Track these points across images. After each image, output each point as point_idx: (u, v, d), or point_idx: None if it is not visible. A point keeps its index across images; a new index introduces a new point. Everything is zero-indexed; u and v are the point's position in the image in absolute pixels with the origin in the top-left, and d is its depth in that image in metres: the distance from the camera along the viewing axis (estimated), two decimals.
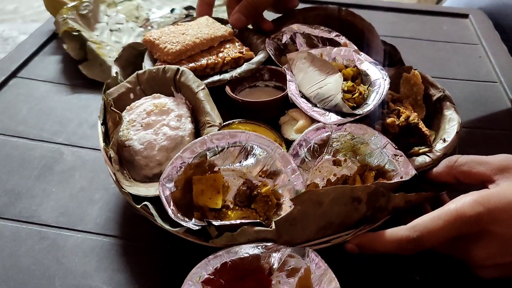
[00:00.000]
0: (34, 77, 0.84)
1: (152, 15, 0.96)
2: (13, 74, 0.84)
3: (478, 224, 0.46)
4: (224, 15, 0.79)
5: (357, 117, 0.58)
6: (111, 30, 0.90)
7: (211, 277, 0.48)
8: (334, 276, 0.47)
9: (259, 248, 0.49)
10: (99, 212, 0.60)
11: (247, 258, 0.49)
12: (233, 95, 0.64)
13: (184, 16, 0.96)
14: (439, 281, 0.53)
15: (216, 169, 0.55)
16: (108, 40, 0.87)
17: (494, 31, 1.01)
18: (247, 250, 0.49)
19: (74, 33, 0.84)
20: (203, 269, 0.48)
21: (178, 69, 0.63)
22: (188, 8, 0.98)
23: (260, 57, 0.69)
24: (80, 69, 0.83)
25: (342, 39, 0.71)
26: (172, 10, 0.97)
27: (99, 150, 0.69)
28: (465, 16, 1.07)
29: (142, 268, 0.54)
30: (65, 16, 0.85)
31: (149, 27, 0.93)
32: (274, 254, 0.49)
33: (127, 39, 0.89)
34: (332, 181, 0.57)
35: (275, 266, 0.48)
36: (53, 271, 0.53)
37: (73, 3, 0.88)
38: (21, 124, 0.74)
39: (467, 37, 1.00)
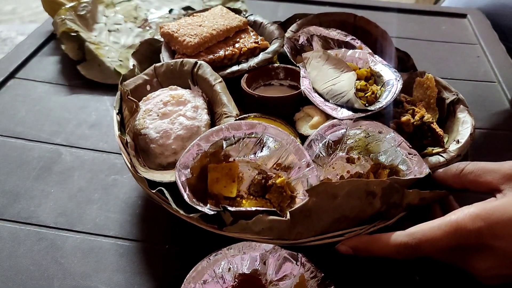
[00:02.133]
0: (32, 78, 0.84)
1: (150, 15, 0.95)
2: (11, 75, 0.84)
3: (478, 238, 0.45)
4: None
5: (369, 113, 0.58)
6: (109, 31, 0.89)
7: (210, 278, 0.48)
8: (330, 281, 0.47)
9: (256, 249, 0.49)
10: (97, 213, 0.60)
11: (245, 260, 0.49)
12: (249, 90, 0.64)
13: (182, 16, 0.96)
14: (439, 281, 0.53)
15: (231, 159, 0.55)
16: (107, 41, 0.87)
17: (492, 31, 1.01)
18: (245, 249, 0.49)
19: (73, 34, 0.83)
20: (202, 270, 0.48)
21: (196, 62, 0.64)
22: (186, 8, 0.98)
23: (275, 46, 0.71)
24: (78, 69, 0.83)
25: (358, 43, 0.72)
26: (170, 11, 0.97)
27: (98, 150, 0.69)
28: (463, 16, 1.07)
29: (141, 269, 0.54)
30: (63, 16, 0.85)
31: (148, 28, 0.92)
32: (269, 259, 0.49)
33: (126, 39, 0.89)
34: (346, 178, 0.57)
35: (270, 272, 0.49)
36: (52, 272, 0.53)
37: (71, 4, 0.88)
38: (20, 125, 0.73)
39: (465, 37, 1.00)
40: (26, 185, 0.64)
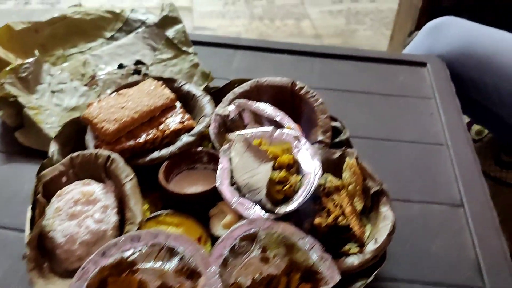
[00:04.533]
0: None
1: (99, 71, 0.94)
2: None
3: None
4: None
5: (280, 215, 0.57)
6: (52, 92, 0.88)
7: None
8: None
9: None
10: None
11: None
12: (164, 184, 0.63)
13: (132, 71, 0.94)
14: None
15: (135, 268, 0.54)
16: (48, 103, 0.86)
17: (449, 83, 0.98)
18: None
19: (11, 99, 0.82)
20: None
21: (109, 156, 0.63)
22: (137, 63, 0.96)
23: (201, 126, 0.69)
24: (16, 136, 0.81)
25: (287, 122, 0.70)
26: (120, 66, 0.95)
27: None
28: (423, 64, 1.04)
29: None
30: (2, 80, 0.83)
31: (94, 86, 0.91)
32: None
33: (69, 100, 0.87)
34: (257, 280, 0.55)
35: None
36: None
37: (12, 66, 0.87)
38: None
39: (422, 90, 0.98)
40: None
